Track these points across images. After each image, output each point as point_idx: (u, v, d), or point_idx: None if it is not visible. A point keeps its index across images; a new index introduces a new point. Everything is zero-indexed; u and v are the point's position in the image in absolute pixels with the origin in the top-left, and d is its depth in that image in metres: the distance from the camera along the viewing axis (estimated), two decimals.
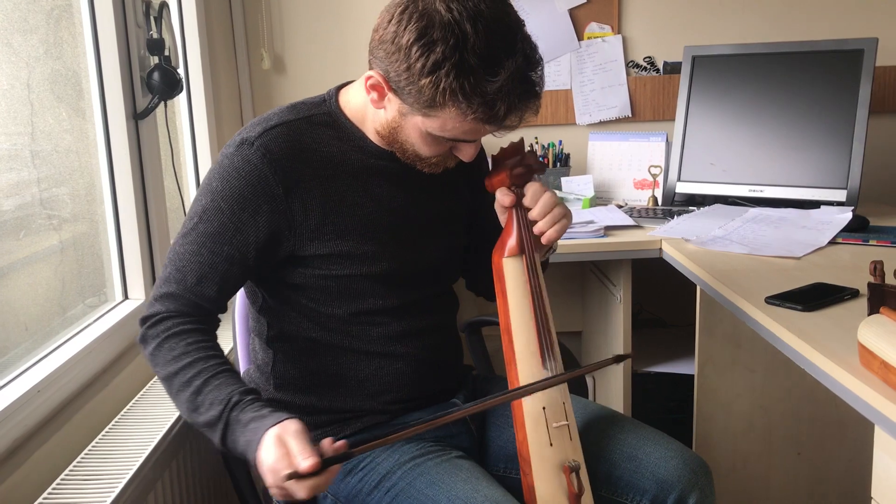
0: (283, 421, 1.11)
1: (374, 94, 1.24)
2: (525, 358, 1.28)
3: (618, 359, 1.32)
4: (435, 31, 1.13)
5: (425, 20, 1.13)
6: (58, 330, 1.56)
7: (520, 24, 1.19)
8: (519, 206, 1.32)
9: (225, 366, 1.22)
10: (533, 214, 1.31)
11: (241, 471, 1.51)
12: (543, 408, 1.26)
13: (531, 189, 1.32)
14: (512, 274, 1.31)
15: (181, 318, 1.25)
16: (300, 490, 1.06)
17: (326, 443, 1.10)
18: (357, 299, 1.34)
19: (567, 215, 1.33)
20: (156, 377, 1.64)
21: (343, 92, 1.36)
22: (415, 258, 1.37)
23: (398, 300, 1.36)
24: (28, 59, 1.54)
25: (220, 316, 1.33)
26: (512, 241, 1.32)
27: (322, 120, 1.32)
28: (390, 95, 1.21)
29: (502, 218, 1.36)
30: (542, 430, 1.26)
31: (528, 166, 1.33)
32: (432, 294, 1.43)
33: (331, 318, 1.35)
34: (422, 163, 1.30)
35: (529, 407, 1.26)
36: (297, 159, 1.27)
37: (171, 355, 1.21)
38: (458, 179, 1.42)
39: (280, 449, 1.07)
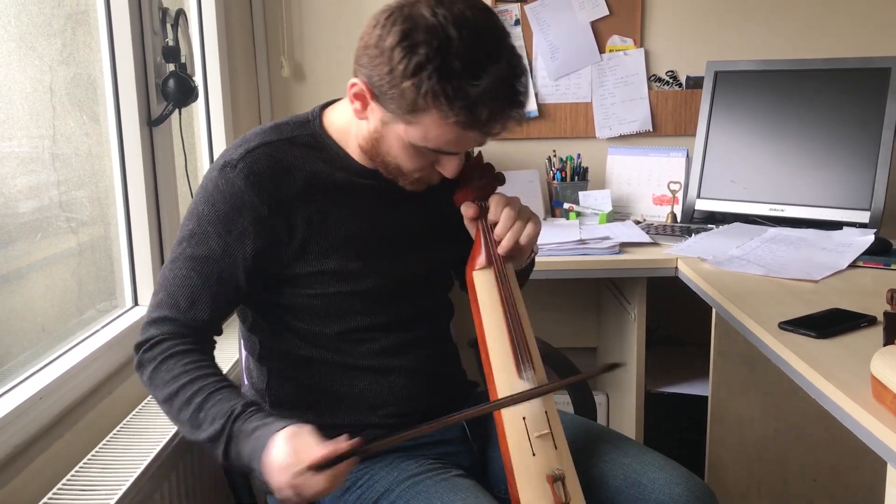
0: (290, 425, 1.12)
1: (358, 104, 1.23)
2: (501, 369, 1.28)
3: (609, 367, 1.31)
4: (419, 33, 1.12)
5: (409, 23, 1.13)
6: (74, 331, 1.57)
7: (505, 34, 1.19)
8: (484, 219, 1.33)
9: (224, 382, 1.22)
10: (497, 231, 1.31)
11: (243, 483, 1.50)
12: (524, 418, 1.25)
13: (493, 202, 1.32)
14: (483, 286, 1.31)
15: (177, 339, 1.24)
16: (317, 482, 1.06)
17: (340, 440, 1.09)
18: (345, 317, 1.33)
19: (532, 221, 1.32)
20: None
21: (327, 112, 1.35)
22: (401, 273, 1.36)
23: (386, 316, 1.35)
24: (51, 63, 1.54)
25: (215, 338, 1.32)
26: (480, 254, 1.33)
27: (305, 141, 1.31)
28: (373, 104, 1.21)
29: (473, 232, 1.36)
30: (523, 441, 1.24)
31: (488, 179, 1.35)
32: (423, 306, 1.41)
33: (320, 337, 1.34)
34: (404, 179, 1.29)
35: (509, 418, 1.25)
36: (281, 179, 1.26)
37: (170, 375, 1.21)
38: (442, 191, 1.38)
39: (291, 446, 1.08)
